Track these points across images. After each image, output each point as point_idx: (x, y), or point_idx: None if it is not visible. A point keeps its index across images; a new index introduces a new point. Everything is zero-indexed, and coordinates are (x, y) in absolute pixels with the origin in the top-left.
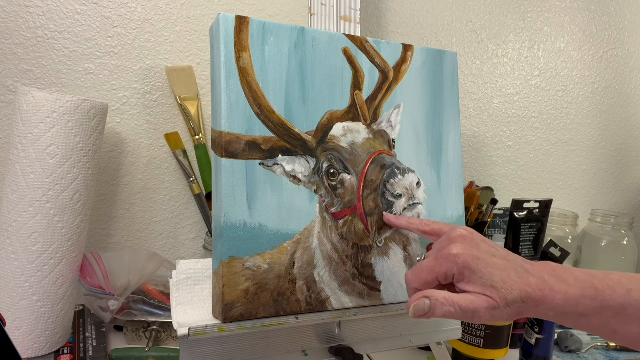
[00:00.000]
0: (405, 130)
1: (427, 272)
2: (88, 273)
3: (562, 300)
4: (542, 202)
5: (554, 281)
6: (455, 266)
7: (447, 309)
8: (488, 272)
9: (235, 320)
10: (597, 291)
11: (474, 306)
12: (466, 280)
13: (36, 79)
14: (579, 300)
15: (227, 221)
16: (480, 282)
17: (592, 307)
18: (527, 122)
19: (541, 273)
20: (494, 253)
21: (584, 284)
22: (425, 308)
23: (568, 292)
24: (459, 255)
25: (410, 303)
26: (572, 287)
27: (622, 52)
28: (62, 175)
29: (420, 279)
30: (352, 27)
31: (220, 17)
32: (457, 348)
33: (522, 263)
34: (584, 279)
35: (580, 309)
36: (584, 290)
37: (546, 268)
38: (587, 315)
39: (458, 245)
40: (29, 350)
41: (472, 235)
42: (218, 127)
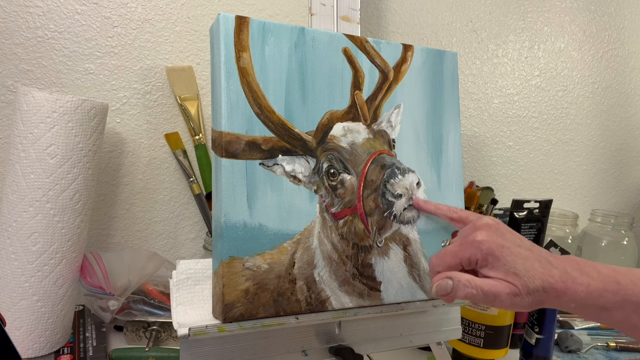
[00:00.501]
0: (405, 130)
1: (451, 256)
2: (88, 273)
3: (585, 293)
4: (542, 202)
5: (576, 274)
6: (479, 252)
7: (469, 291)
8: (512, 260)
9: (235, 320)
10: (619, 285)
11: (495, 290)
12: (489, 266)
13: (36, 79)
14: (601, 293)
15: (227, 221)
16: (504, 269)
17: (613, 300)
18: (527, 122)
19: (564, 265)
20: (519, 243)
21: (607, 278)
22: (448, 288)
23: (590, 285)
24: (483, 242)
25: (434, 282)
26: (594, 280)
27: (622, 52)
28: (62, 175)
29: (444, 262)
30: (352, 27)
31: (220, 17)
32: (457, 348)
33: (546, 255)
34: (606, 273)
35: (602, 302)
36: (607, 284)
37: (570, 261)
38: (608, 309)
39: (483, 232)
40: (29, 350)
41: (498, 224)
42: (218, 127)
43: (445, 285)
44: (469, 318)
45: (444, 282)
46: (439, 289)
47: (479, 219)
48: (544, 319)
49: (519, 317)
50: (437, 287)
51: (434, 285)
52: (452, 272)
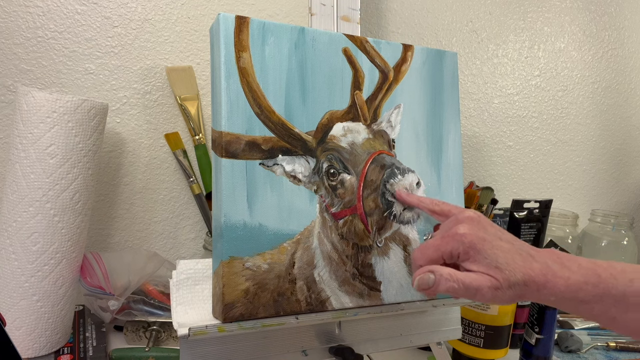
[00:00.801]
0: (405, 130)
1: (433, 249)
2: (88, 273)
3: (564, 286)
4: (542, 202)
5: (557, 267)
6: (461, 245)
7: (450, 285)
8: (493, 253)
9: (235, 320)
10: (599, 279)
11: (477, 284)
12: (471, 260)
13: (36, 79)
14: (580, 286)
15: (227, 221)
16: (485, 262)
17: (593, 293)
18: (527, 122)
19: (545, 259)
20: (500, 236)
21: (587, 272)
22: (430, 282)
23: (570, 278)
24: (465, 235)
25: (415, 276)
26: (574, 274)
27: (622, 52)
28: (62, 175)
29: (426, 256)
30: (352, 27)
31: (220, 17)
32: (457, 348)
33: (527, 248)
34: (587, 266)
35: (582, 296)
36: (587, 277)
37: (551, 255)
38: (587, 302)
39: (465, 226)
40: (29, 350)
41: (479, 217)
42: (218, 127)
43: (427, 279)
44: (469, 318)
45: (425, 276)
46: (420, 282)
47: (461, 212)
48: (544, 319)
49: (519, 317)
50: (418, 281)
51: (416, 279)
52: (433, 265)
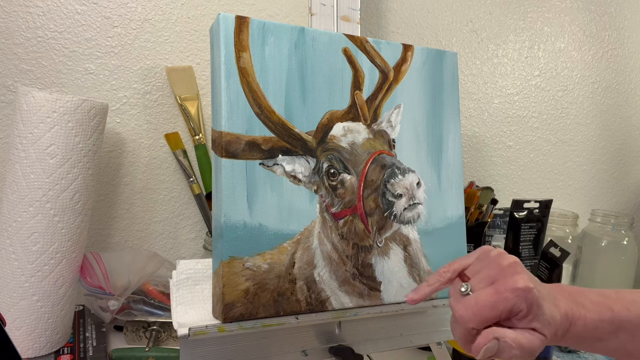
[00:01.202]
0: (405, 130)
1: (490, 308)
2: (88, 273)
3: (582, 327)
4: (542, 202)
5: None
6: (524, 302)
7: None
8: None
9: (235, 320)
10: (613, 313)
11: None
12: (531, 317)
13: (36, 79)
14: (597, 324)
15: (227, 221)
16: (542, 319)
17: (609, 330)
18: (527, 122)
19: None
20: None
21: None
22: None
23: (587, 318)
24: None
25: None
26: (589, 312)
27: (622, 52)
28: (62, 175)
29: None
30: (352, 27)
31: (220, 17)
32: (457, 348)
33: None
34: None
35: (598, 334)
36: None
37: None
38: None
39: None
40: (29, 350)
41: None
42: (218, 127)
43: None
44: None
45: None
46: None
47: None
48: None
49: None
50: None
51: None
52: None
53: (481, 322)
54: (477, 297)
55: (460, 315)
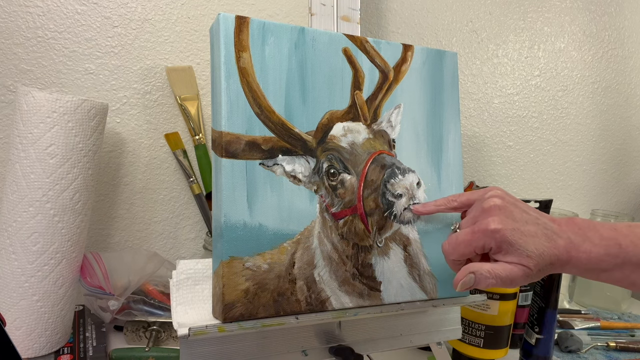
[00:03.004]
0: (405, 130)
1: (465, 245)
2: (88, 273)
3: (586, 260)
4: (542, 202)
5: (579, 240)
6: (493, 241)
7: (489, 282)
8: (524, 242)
9: (235, 320)
10: (620, 248)
11: (512, 276)
12: (503, 252)
13: (36, 79)
14: (602, 258)
15: (227, 221)
16: (517, 253)
17: (614, 263)
18: (527, 122)
19: (568, 233)
20: (526, 219)
21: (609, 242)
22: (471, 282)
23: (592, 252)
24: (497, 231)
25: (458, 280)
26: (596, 247)
27: (622, 52)
28: (62, 175)
29: (458, 252)
30: (352, 27)
31: (220, 17)
32: (457, 348)
33: (550, 224)
34: (608, 235)
35: (603, 266)
36: (608, 249)
37: (572, 227)
38: (608, 270)
39: (495, 219)
40: (29, 350)
41: (504, 202)
42: (218, 127)
43: (469, 281)
44: (469, 318)
45: (467, 278)
46: (463, 285)
47: (484, 199)
48: (544, 319)
49: (519, 317)
50: (462, 284)
51: (459, 283)
52: (472, 264)
53: (459, 255)
54: (458, 235)
55: (445, 249)
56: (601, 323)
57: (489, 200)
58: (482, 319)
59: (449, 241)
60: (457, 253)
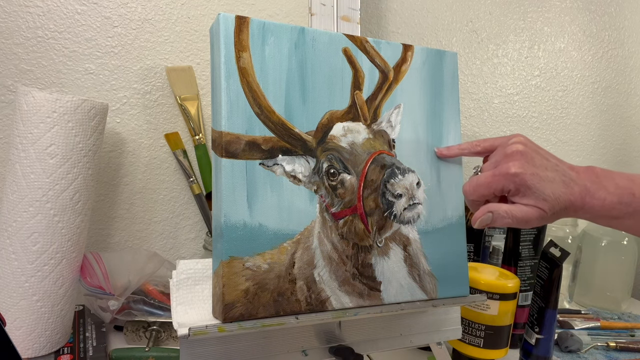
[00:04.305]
0: (405, 130)
1: (485, 187)
2: (88, 273)
3: (599, 207)
4: None
5: (595, 188)
6: (512, 184)
7: (506, 221)
8: (541, 186)
9: (235, 320)
10: (634, 197)
11: (527, 217)
12: (521, 195)
13: (36, 79)
14: (614, 206)
15: (227, 221)
16: (534, 196)
17: (625, 211)
18: (527, 122)
19: (584, 181)
20: (546, 166)
21: (623, 191)
22: (489, 220)
23: (606, 199)
24: (517, 175)
25: (476, 217)
26: (610, 195)
27: (622, 52)
28: (62, 175)
29: (478, 193)
30: (352, 27)
31: (220, 17)
32: (457, 348)
33: (569, 172)
34: (624, 185)
35: (615, 213)
36: (622, 197)
37: (590, 175)
38: (620, 217)
39: (516, 164)
40: (29, 350)
41: (526, 148)
42: (218, 127)
43: (487, 219)
44: (469, 318)
45: (486, 216)
46: (482, 222)
47: (507, 144)
48: (544, 319)
49: (519, 317)
50: (480, 221)
51: (478, 220)
52: (491, 204)
53: (479, 196)
54: (479, 177)
55: (465, 189)
56: (601, 323)
57: (512, 145)
58: (482, 319)
59: (469, 182)
60: (476, 194)
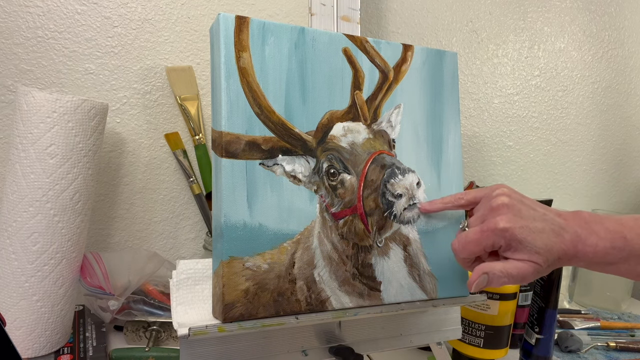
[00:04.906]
0: (405, 130)
1: (474, 244)
2: (88, 273)
3: (592, 253)
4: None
5: (585, 234)
6: (502, 239)
7: (502, 280)
8: (532, 239)
9: (235, 320)
10: (626, 241)
11: (523, 273)
12: (513, 250)
13: (36, 79)
14: (608, 251)
15: (227, 221)
16: (526, 250)
17: (619, 256)
18: (527, 122)
19: (574, 227)
20: (534, 216)
21: (614, 235)
22: (484, 282)
23: (598, 245)
24: (506, 229)
25: (472, 281)
26: (602, 240)
27: (622, 52)
28: (62, 175)
29: (468, 250)
30: (352, 27)
31: (220, 17)
32: (457, 348)
33: (557, 220)
34: (614, 229)
35: (609, 259)
36: (614, 242)
37: (579, 221)
38: (614, 263)
39: (503, 218)
40: (29, 350)
41: (511, 200)
42: (218, 127)
43: (482, 281)
44: (469, 318)
45: (481, 278)
46: (478, 286)
47: (491, 197)
48: (544, 319)
49: (519, 317)
50: (476, 285)
51: (474, 284)
52: (484, 265)
53: (469, 254)
54: (467, 233)
55: (454, 247)
56: (601, 323)
57: (496, 198)
58: (482, 319)
59: (458, 240)
60: (466, 251)
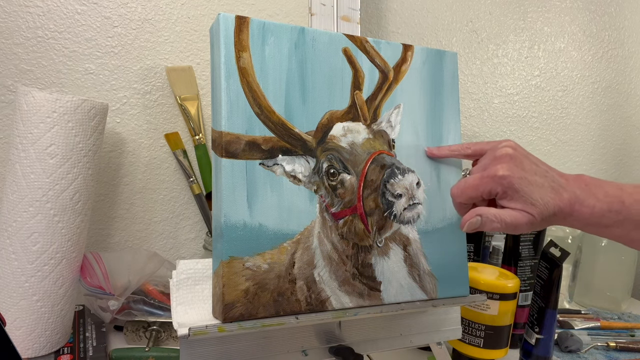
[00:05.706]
0: (405, 130)
1: (472, 189)
2: (88, 273)
3: (589, 214)
4: None
5: (584, 196)
6: (500, 186)
7: (495, 225)
8: (529, 190)
9: (235, 320)
10: (623, 205)
11: (516, 222)
12: (509, 199)
13: (36, 79)
14: (604, 214)
15: (227, 221)
16: (522, 200)
17: (615, 219)
18: (527, 122)
19: (574, 188)
20: (535, 171)
21: (613, 199)
22: (477, 224)
23: (595, 207)
24: (504, 177)
25: (465, 220)
26: (600, 202)
27: (622, 52)
28: (62, 175)
29: (465, 195)
30: (352, 27)
31: (220, 17)
32: (457, 348)
33: (558, 179)
34: (613, 193)
35: (605, 222)
36: (611, 205)
37: (579, 182)
38: (609, 226)
39: (504, 166)
40: (29, 350)
41: (515, 152)
42: (218, 127)
43: (475, 223)
44: (469, 318)
45: (474, 219)
46: (469, 226)
47: (497, 148)
48: (544, 319)
49: (519, 317)
50: (469, 224)
51: (466, 223)
52: (480, 208)
53: (466, 199)
54: (466, 179)
55: (453, 192)
56: (601, 323)
57: (501, 149)
58: (482, 319)
59: (457, 185)
60: (464, 196)
